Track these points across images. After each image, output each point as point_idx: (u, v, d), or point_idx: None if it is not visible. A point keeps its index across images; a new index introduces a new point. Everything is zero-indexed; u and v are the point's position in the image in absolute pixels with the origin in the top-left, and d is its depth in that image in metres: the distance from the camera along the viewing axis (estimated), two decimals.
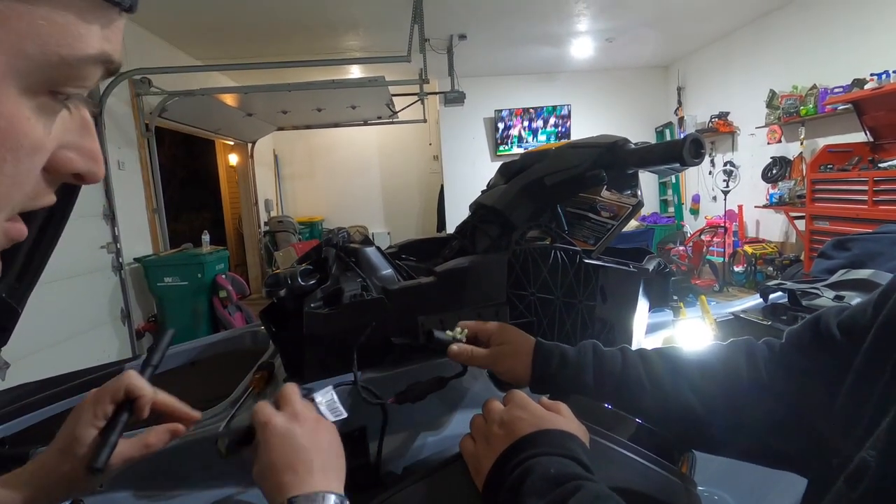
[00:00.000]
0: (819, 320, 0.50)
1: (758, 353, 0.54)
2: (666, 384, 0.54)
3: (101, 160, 0.29)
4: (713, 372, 0.54)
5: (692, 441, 0.54)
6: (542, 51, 5.86)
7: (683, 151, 0.62)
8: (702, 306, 1.27)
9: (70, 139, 0.27)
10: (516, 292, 0.78)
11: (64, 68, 0.24)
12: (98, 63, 0.25)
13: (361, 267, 0.74)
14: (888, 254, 1.41)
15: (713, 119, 5.79)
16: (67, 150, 0.27)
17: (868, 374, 0.41)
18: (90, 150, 0.28)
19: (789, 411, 0.49)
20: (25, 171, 0.25)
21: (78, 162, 0.27)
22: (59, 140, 0.26)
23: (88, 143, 0.28)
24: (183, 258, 4.00)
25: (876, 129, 3.80)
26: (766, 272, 4.73)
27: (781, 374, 0.51)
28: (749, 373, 0.52)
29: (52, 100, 0.25)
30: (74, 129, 0.27)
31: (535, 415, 0.47)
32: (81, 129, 0.28)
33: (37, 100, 0.24)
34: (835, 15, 4.24)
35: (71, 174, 0.28)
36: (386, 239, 7.44)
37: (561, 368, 0.58)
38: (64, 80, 0.24)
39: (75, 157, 0.27)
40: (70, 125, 0.27)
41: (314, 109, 5.31)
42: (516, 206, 0.81)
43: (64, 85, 0.25)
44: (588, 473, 0.42)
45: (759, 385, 0.51)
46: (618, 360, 0.57)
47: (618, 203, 0.81)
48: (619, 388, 0.55)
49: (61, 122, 0.26)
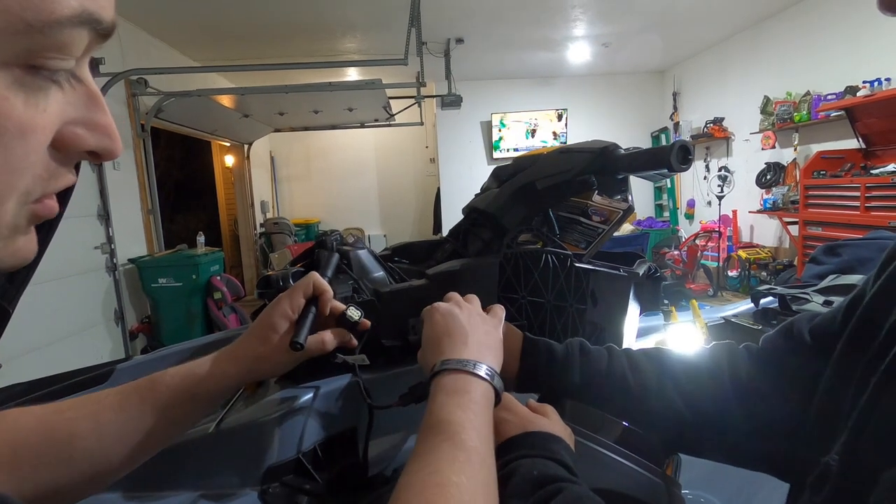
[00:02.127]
0: (792, 326, 0.51)
1: (738, 357, 0.55)
2: (651, 384, 0.55)
3: (116, 135, 0.26)
4: (697, 373, 0.55)
5: (675, 442, 0.54)
6: (539, 55, 5.89)
7: (671, 157, 0.63)
8: (693, 310, 1.28)
9: (76, 114, 0.25)
10: (507, 295, 0.79)
11: (34, 36, 0.20)
12: (79, 25, 0.22)
13: (353, 269, 0.74)
14: (877, 259, 1.42)
15: (708, 124, 5.83)
16: (75, 126, 0.25)
17: (837, 384, 0.42)
18: (101, 124, 0.26)
19: (768, 415, 0.49)
20: (21, 155, 0.22)
21: (88, 138, 0.25)
22: (62, 116, 0.24)
23: (99, 118, 0.25)
24: (177, 259, 3.99)
25: (868, 136, 3.84)
26: (760, 277, 4.76)
27: (759, 378, 0.51)
28: (731, 376, 0.53)
29: (30, 75, 0.22)
30: (79, 104, 0.25)
31: (520, 417, 0.48)
32: (88, 102, 0.25)
33: (11, 74, 0.21)
34: (828, 23, 4.28)
35: (83, 151, 0.26)
36: (382, 241, 7.43)
37: (548, 364, 0.58)
38: (38, 49, 0.21)
39: (84, 132, 0.25)
40: (72, 99, 0.24)
41: (311, 111, 5.31)
42: (508, 210, 0.82)
43: (40, 56, 0.21)
44: (571, 476, 0.42)
45: (740, 388, 0.52)
46: (604, 358, 0.58)
47: (608, 208, 0.82)
48: (604, 385, 0.56)
49: (59, 98, 0.23)
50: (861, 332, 0.41)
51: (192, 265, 3.95)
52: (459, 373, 0.45)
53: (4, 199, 0.23)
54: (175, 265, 3.94)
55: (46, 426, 0.43)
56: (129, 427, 0.46)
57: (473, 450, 0.38)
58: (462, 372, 0.45)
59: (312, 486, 0.61)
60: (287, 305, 0.54)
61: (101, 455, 0.44)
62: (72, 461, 0.43)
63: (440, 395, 0.43)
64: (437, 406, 0.42)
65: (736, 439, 0.51)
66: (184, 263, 3.95)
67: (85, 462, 0.43)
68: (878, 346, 0.38)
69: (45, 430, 0.43)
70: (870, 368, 0.37)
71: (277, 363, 0.53)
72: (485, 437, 0.40)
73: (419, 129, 6.82)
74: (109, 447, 0.45)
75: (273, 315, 0.54)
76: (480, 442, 0.39)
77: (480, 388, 0.44)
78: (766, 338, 0.55)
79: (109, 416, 0.45)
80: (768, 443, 0.49)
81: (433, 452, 0.38)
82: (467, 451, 0.38)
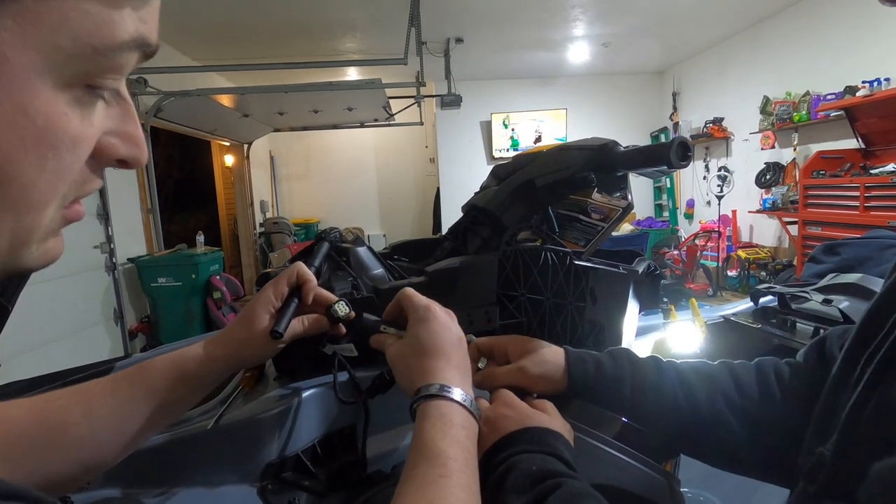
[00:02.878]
0: (825, 341, 0.51)
1: (783, 372, 0.54)
2: (701, 398, 0.52)
3: (144, 145, 0.29)
4: (749, 389, 0.52)
5: (711, 455, 0.53)
6: (539, 55, 5.89)
7: (670, 154, 0.63)
8: (692, 309, 1.28)
9: (113, 126, 0.27)
10: (507, 293, 0.79)
11: (98, 59, 0.23)
12: (134, 49, 0.24)
13: (352, 266, 0.74)
14: (876, 258, 1.42)
15: (708, 124, 5.83)
16: (110, 137, 0.27)
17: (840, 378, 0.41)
18: (133, 135, 0.28)
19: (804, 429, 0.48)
20: (69, 165, 0.25)
21: (121, 148, 0.27)
22: (103, 128, 0.26)
23: (131, 129, 0.28)
24: (177, 259, 3.99)
25: (867, 136, 3.84)
26: (760, 277, 4.76)
27: (800, 392, 0.50)
28: (780, 392, 0.52)
29: (87, 93, 0.24)
30: (116, 116, 0.27)
31: (520, 412, 0.48)
32: (123, 114, 0.27)
33: (72, 93, 0.23)
34: (827, 23, 4.28)
35: (114, 160, 0.28)
36: (382, 241, 7.43)
37: (597, 377, 0.55)
38: (99, 71, 0.24)
39: (118, 142, 0.27)
40: (112, 112, 0.27)
41: (311, 111, 5.31)
42: (507, 208, 0.81)
43: (99, 76, 0.24)
44: (570, 471, 0.42)
45: (787, 403, 0.51)
46: (652, 372, 0.55)
47: (608, 205, 0.82)
48: (655, 401, 0.53)
49: (102, 111, 0.26)
50: (867, 328, 0.41)
51: (191, 265, 3.95)
52: (446, 400, 0.45)
53: (48, 204, 0.25)
54: (174, 265, 3.94)
55: (38, 414, 0.44)
56: (121, 412, 0.46)
57: (466, 487, 0.39)
58: (450, 401, 0.45)
59: (311, 483, 0.61)
60: (271, 293, 0.56)
61: (93, 442, 0.45)
62: (64, 448, 0.43)
63: (428, 421, 0.43)
64: (428, 435, 0.42)
65: (776, 453, 0.49)
66: (183, 263, 3.95)
67: (77, 449, 0.44)
68: (880, 340, 0.38)
69: (37, 418, 0.43)
70: (868, 361, 0.37)
71: (261, 348, 0.55)
72: (472, 468, 0.42)
73: (419, 128, 6.82)
74: (101, 433, 0.45)
75: (258, 303, 0.55)
76: (469, 475, 0.40)
77: (463, 415, 0.45)
78: (802, 353, 0.54)
79: (100, 402, 0.46)
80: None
81: (427, 487, 0.38)
82: (462, 489, 0.39)
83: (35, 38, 0.21)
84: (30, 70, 0.21)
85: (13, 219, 0.24)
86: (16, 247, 0.25)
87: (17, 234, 0.24)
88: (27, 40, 0.21)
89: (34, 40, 0.21)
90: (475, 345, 0.62)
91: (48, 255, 0.28)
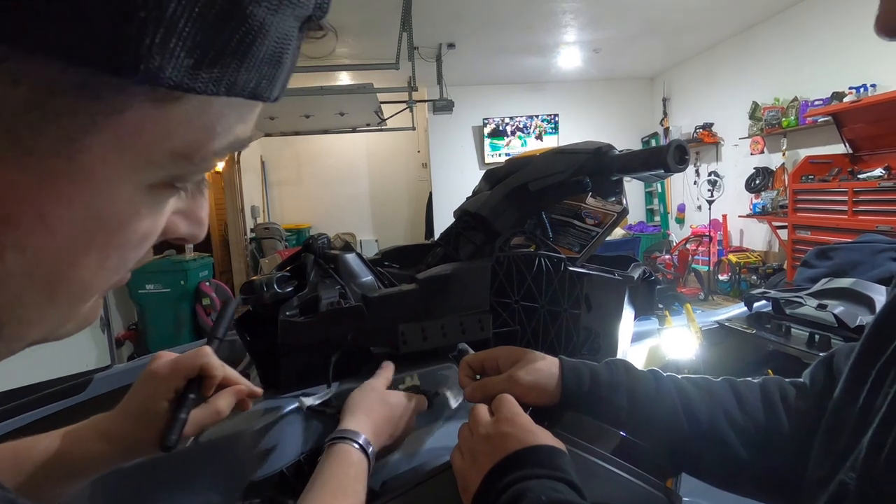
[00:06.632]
0: (832, 358, 0.49)
1: (789, 392, 0.52)
2: (701, 414, 0.50)
3: (206, 224, 0.27)
4: (753, 409, 0.51)
5: (711, 474, 0.51)
6: (530, 60, 5.91)
7: (668, 157, 0.62)
8: (687, 315, 1.27)
9: (182, 206, 0.25)
10: (500, 300, 0.77)
11: (188, 164, 0.21)
12: (229, 150, 0.23)
13: (340, 274, 0.72)
14: (868, 263, 1.43)
15: (698, 130, 5.88)
16: (176, 216, 0.25)
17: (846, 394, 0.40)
18: (198, 217, 0.26)
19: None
20: (132, 259, 0.23)
21: (183, 227, 0.25)
22: (171, 211, 0.24)
23: (198, 210, 0.26)
24: (165, 265, 3.93)
25: (855, 142, 3.89)
26: (750, 281, 4.79)
27: (807, 414, 0.49)
28: (785, 413, 0.50)
29: (169, 190, 0.22)
30: (189, 197, 0.25)
31: (522, 429, 0.45)
32: (195, 196, 0.26)
33: (153, 194, 0.21)
34: (815, 29, 4.34)
35: (172, 238, 0.26)
36: (374, 246, 7.39)
37: (593, 387, 0.53)
38: (187, 174, 0.22)
39: (181, 221, 0.25)
40: (184, 195, 0.25)
41: (302, 116, 5.27)
42: (500, 213, 0.80)
43: (188, 179, 0.23)
44: (580, 499, 0.39)
45: (792, 425, 0.49)
46: (651, 384, 0.53)
47: (602, 210, 0.81)
48: (653, 414, 0.51)
49: (176, 199, 0.24)
50: (874, 339, 0.39)
51: (180, 270, 3.89)
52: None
53: (96, 293, 0.23)
54: (163, 270, 3.88)
55: None
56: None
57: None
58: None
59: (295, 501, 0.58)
60: (164, 388, 0.49)
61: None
62: None
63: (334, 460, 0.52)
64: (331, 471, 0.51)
65: (782, 473, 0.47)
66: (172, 269, 3.89)
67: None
68: (892, 351, 0.36)
69: None
70: (881, 375, 0.35)
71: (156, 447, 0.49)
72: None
73: (411, 133, 6.80)
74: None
75: (150, 399, 0.49)
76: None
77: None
78: (808, 372, 0.52)
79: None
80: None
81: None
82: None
83: (131, 151, 0.19)
84: (115, 180, 0.19)
85: (65, 309, 0.22)
86: (61, 326, 0.24)
87: (65, 319, 0.23)
88: (123, 154, 0.19)
89: (130, 154, 0.19)
90: (466, 362, 0.60)
91: (86, 323, 0.26)
